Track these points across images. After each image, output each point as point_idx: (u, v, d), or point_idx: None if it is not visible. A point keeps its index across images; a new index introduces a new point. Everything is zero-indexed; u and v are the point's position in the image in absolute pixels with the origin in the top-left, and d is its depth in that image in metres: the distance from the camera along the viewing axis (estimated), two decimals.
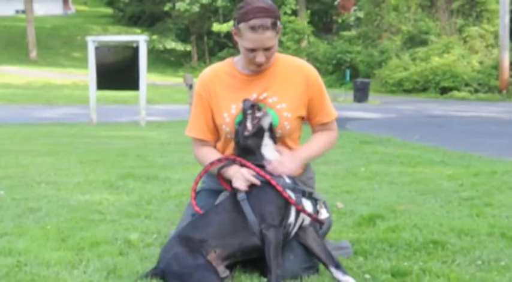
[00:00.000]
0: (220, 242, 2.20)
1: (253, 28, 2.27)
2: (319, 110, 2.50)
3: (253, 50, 2.31)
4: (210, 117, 2.49)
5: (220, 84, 2.47)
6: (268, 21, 2.28)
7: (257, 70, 2.41)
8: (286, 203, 2.23)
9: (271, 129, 2.35)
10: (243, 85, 2.44)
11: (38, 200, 3.78)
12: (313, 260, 2.39)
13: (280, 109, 2.42)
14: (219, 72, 2.50)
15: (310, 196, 2.35)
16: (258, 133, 2.30)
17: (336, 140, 2.61)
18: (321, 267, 2.47)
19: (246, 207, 2.22)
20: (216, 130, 2.51)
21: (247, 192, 2.25)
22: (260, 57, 2.32)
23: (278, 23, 2.33)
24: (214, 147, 2.55)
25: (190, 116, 2.55)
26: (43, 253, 2.63)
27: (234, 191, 2.30)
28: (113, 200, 3.84)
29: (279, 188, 2.22)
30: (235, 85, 2.45)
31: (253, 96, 2.42)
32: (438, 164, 5.64)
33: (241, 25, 2.30)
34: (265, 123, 2.31)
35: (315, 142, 2.52)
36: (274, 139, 2.38)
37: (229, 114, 2.43)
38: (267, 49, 2.32)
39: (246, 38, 2.30)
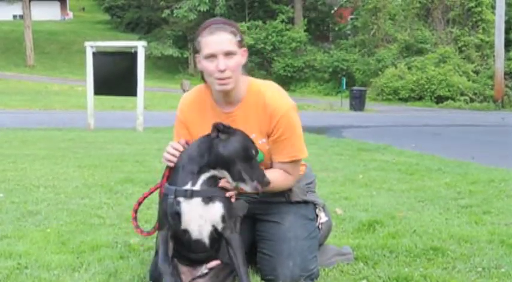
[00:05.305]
0: None
1: (211, 32, 2.22)
2: (279, 150, 2.34)
3: (213, 56, 2.21)
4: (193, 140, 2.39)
5: (199, 114, 2.39)
6: (226, 27, 2.24)
7: (223, 88, 2.25)
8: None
9: None
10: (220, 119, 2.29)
11: (37, 204, 3.78)
12: (312, 269, 2.40)
13: (262, 144, 2.34)
14: (199, 101, 2.41)
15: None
16: None
17: (289, 183, 2.40)
18: (320, 273, 2.48)
19: None
20: None
21: None
22: (221, 64, 2.20)
23: (239, 35, 2.26)
24: None
25: (173, 138, 2.48)
26: (43, 256, 2.63)
27: None
28: (112, 204, 3.84)
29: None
30: (212, 118, 2.32)
31: None
32: (435, 172, 5.66)
33: (200, 36, 2.24)
34: None
35: (271, 170, 2.34)
36: None
37: None
38: (227, 55, 2.21)
39: (205, 45, 2.22)
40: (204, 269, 2.22)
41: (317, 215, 2.55)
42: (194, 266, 2.23)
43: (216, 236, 2.16)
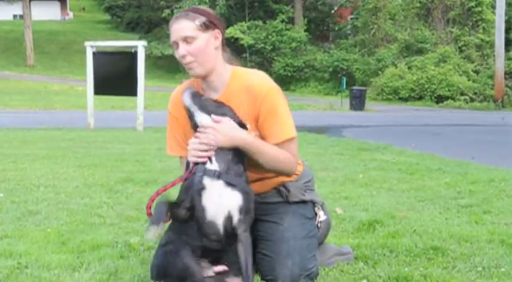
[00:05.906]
0: None
1: (173, 21, 2.28)
2: (269, 131, 2.31)
3: (176, 44, 2.27)
4: (185, 134, 2.40)
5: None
6: (189, 14, 2.26)
7: (191, 73, 2.31)
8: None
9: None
10: None
11: (37, 203, 3.78)
12: (311, 268, 2.40)
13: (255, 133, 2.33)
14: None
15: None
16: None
17: (292, 164, 2.34)
18: (320, 272, 2.48)
19: None
20: None
21: None
22: (181, 49, 2.24)
23: (204, 19, 2.26)
24: None
25: (167, 134, 2.50)
26: (44, 256, 2.63)
27: None
28: (112, 204, 3.84)
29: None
30: None
31: None
32: (436, 172, 5.66)
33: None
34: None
35: (270, 145, 2.30)
36: None
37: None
38: (186, 40, 2.24)
39: (170, 35, 2.29)
40: (210, 272, 2.23)
41: (316, 214, 2.55)
42: (202, 267, 2.24)
43: (230, 230, 2.17)
